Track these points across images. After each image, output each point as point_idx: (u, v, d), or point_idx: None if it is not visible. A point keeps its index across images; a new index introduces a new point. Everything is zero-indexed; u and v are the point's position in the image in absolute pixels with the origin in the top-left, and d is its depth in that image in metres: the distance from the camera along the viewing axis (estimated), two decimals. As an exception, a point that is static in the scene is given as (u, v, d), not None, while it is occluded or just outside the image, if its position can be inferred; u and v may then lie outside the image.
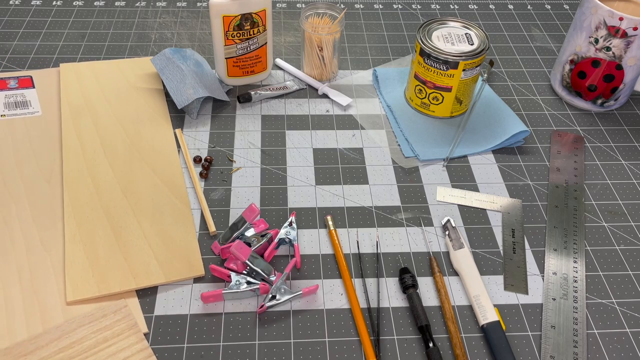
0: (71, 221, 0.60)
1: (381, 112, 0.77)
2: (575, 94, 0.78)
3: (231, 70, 0.78)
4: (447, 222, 0.62)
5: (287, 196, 0.65)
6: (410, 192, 0.67)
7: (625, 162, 0.72)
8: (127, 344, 0.50)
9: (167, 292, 0.56)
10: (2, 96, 0.74)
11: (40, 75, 0.78)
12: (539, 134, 0.75)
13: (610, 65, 0.73)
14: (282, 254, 0.60)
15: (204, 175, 0.67)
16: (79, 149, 0.68)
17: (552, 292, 0.57)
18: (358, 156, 0.71)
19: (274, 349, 0.52)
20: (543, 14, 0.99)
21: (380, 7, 0.98)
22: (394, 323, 0.55)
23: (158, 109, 0.74)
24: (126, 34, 0.89)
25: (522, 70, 0.86)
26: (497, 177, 0.69)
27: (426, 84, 0.73)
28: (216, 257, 0.59)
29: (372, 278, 0.58)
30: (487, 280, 0.58)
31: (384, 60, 0.86)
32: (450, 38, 0.72)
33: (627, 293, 0.58)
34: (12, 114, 0.72)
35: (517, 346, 0.53)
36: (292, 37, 0.90)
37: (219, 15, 0.71)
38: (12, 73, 0.79)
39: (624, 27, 0.69)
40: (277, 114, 0.76)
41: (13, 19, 0.91)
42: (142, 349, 0.50)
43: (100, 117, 0.72)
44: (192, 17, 0.93)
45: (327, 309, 0.55)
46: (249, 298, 0.56)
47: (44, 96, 0.75)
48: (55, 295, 0.54)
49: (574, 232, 0.63)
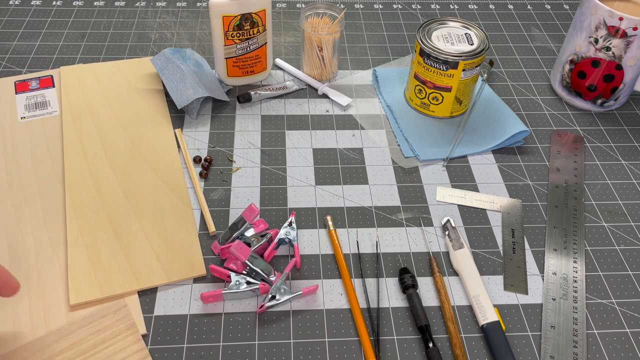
0: (73, 224, 0.60)
1: (381, 112, 0.77)
2: (575, 94, 0.78)
3: (231, 70, 0.78)
4: (447, 222, 0.62)
5: (286, 196, 0.65)
6: (410, 192, 0.67)
7: (625, 162, 0.72)
8: (124, 345, 0.51)
9: (167, 292, 0.56)
10: (23, 98, 0.74)
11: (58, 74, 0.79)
12: (539, 134, 0.75)
13: (610, 65, 0.73)
14: (282, 254, 0.60)
15: (204, 175, 0.67)
16: (80, 151, 0.68)
17: (552, 292, 0.57)
18: (358, 156, 0.71)
19: (273, 349, 0.52)
20: (543, 14, 0.99)
21: (380, 7, 0.98)
22: (393, 323, 0.55)
23: (158, 109, 0.74)
24: (126, 34, 0.89)
25: (522, 70, 0.86)
26: (497, 177, 0.69)
27: (426, 84, 0.73)
28: (216, 257, 0.59)
29: (372, 278, 0.58)
30: (487, 280, 0.58)
31: (383, 60, 0.86)
32: (450, 38, 0.72)
33: (627, 293, 0.58)
34: (32, 116, 0.72)
35: (517, 346, 0.53)
36: (292, 37, 0.90)
37: (219, 15, 0.71)
38: (36, 74, 0.79)
39: (624, 27, 0.69)
40: (277, 114, 0.76)
41: (13, 19, 0.91)
42: (139, 350, 0.50)
43: (101, 119, 0.72)
44: (192, 17, 0.93)
45: (327, 309, 0.55)
46: (248, 298, 0.56)
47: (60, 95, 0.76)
48: (60, 298, 0.54)
49: (574, 232, 0.63)
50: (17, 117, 0.72)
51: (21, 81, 0.77)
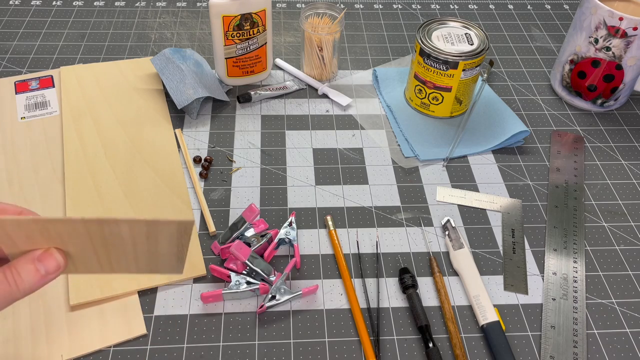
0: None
1: (381, 112, 0.77)
2: (575, 94, 0.78)
3: (231, 70, 0.78)
4: (447, 222, 0.62)
5: (286, 196, 0.65)
6: (410, 192, 0.67)
7: (625, 162, 0.72)
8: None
9: (167, 292, 0.56)
10: (23, 98, 0.74)
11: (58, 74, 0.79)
12: (539, 134, 0.75)
13: (610, 65, 0.73)
14: (282, 254, 0.60)
15: (204, 175, 0.67)
16: (80, 151, 0.68)
17: (552, 292, 0.57)
18: (358, 156, 0.71)
19: (273, 349, 0.52)
20: (543, 14, 0.98)
21: (380, 7, 0.98)
22: (393, 323, 0.55)
23: (158, 109, 0.74)
24: (126, 34, 0.89)
25: (522, 70, 0.86)
26: (497, 177, 0.69)
27: (426, 84, 0.73)
28: (216, 257, 0.59)
29: (372, 278, 0.58)
30: (487, 280, 0.58)
31: (383, 60, 0.86)
32: (450, 38, 0.72)
33: (627, 293, 0.58)
34: (32, 116, 0.72)
35: (517, 346, 0.53)
36: (292, 37, 0.90)
37: (219, 15, 0.71)
38: (36, 74, 0.79)
39: (624, 27, 0.69)
40: (277, 114, 0.76)
41: (13, 19, 0.91)
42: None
43: (101, 119, 0.72)
44: (192, 17, 0.93)
45: (327, 309, 0.55)
46: (248, 298, 0.56)
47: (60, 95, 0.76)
48: (60, 298, 0.54)
49: (574, 232, 0.63)
50: (17, 117, 0.72)
51: (21, 81, 0.77)
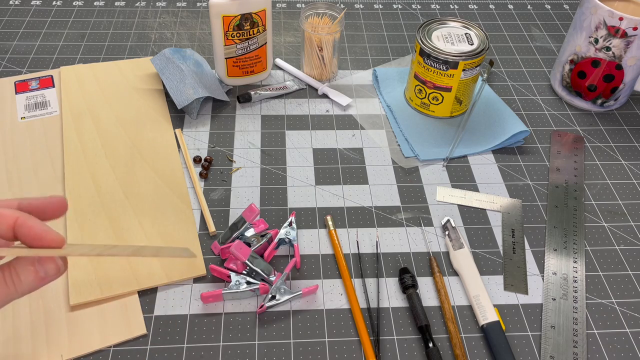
0: (73, 224, 0.60)
1: (381, 112, 0.77)
2: (575, 94, 0.78)
3: (231, 70, 0.78)
4: (447, 222, 0.62)
5: (286, 196, 0.65)
6: (410, 192, 0.67)
7: (625, 162, 0.72)
8: None
9: (167, 292, 0.56)
10: (23, 98, 0.74)
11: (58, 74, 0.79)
12: (539, 134, 0.75)
13: (610, 65, 0.73)
14: (282, 254, 0.60)
15: (204, 175, 0.67)
16: (80, 151, 0.68)
17: (552, 292, 0.57)
18: (358, 156, 0.71)
19: (273, 349, 0.52)
20: (543, 14, 0.98)
21: (380, 7, 0.98)
22: (393, 323, 0.54)
23: (158, 109, 0.74)
24: (126, 34, 0.89)
25: (522, 70, 0.86)
26: (497, 177, 0.69)
27: (426, 84, 0.73)
28: (216, 257, 0.59)
29: (372, 278, 0.58)
30: (487, 280, 0.58)
31: (383, 60, 0.86)
32: (450, 38, 0.72)
33: (627, 293, 0.58)
34: (32, 116, 0.72)
35: (517, 346, 0.53)
36: (292, 37, 0.90)
37: (219, 15, 0.71)
38: (36, 74, 0.79)
39: (624, 27, 0.69)
40: (277, 114, 0.76)
41: (13, 19, 0.91)
42: None
43: (101, 119, 0.72)
44: (192, 17, 0.93)
45: (327, 309, 0.55)
46: (248, 298, 0.56)
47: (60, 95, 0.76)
48: (60, 298, 0.54)
49: (574, 232, 0.63)
50: (17, 117, 0.72)
51: (21, 81, 0.77)
